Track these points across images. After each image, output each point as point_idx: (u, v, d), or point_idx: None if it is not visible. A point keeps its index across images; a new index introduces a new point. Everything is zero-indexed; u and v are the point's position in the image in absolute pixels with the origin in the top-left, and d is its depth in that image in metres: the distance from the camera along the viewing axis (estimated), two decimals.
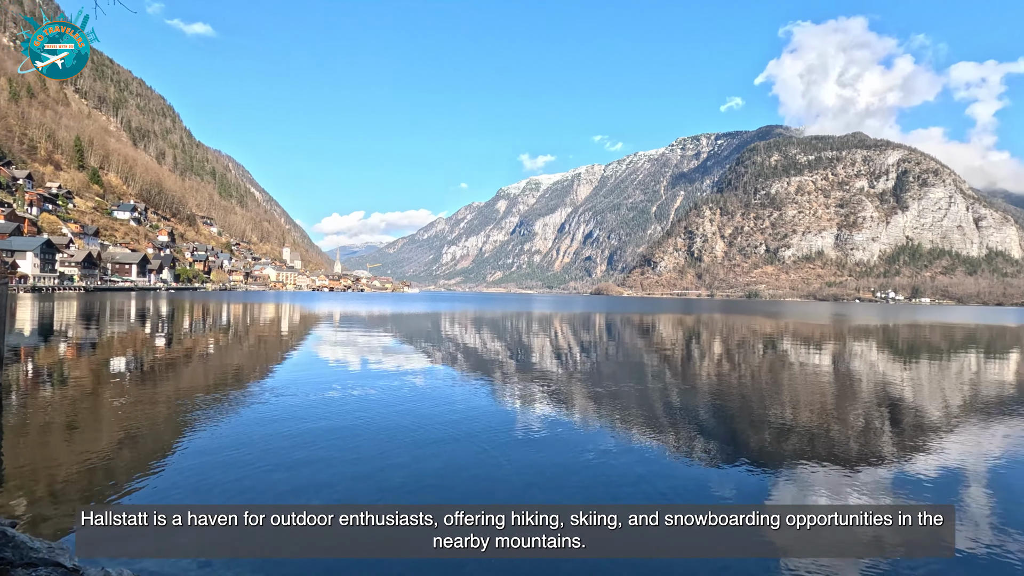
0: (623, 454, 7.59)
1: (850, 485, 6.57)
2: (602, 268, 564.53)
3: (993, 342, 31.20)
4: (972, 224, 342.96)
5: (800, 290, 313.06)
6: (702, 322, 45.14)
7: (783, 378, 15.44)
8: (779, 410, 10.88)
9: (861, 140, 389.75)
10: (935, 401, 12.56)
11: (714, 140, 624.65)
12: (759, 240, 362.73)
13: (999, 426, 10.03)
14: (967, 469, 7.41)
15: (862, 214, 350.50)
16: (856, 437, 8.94)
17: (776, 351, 22.97)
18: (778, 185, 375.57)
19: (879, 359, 21.20)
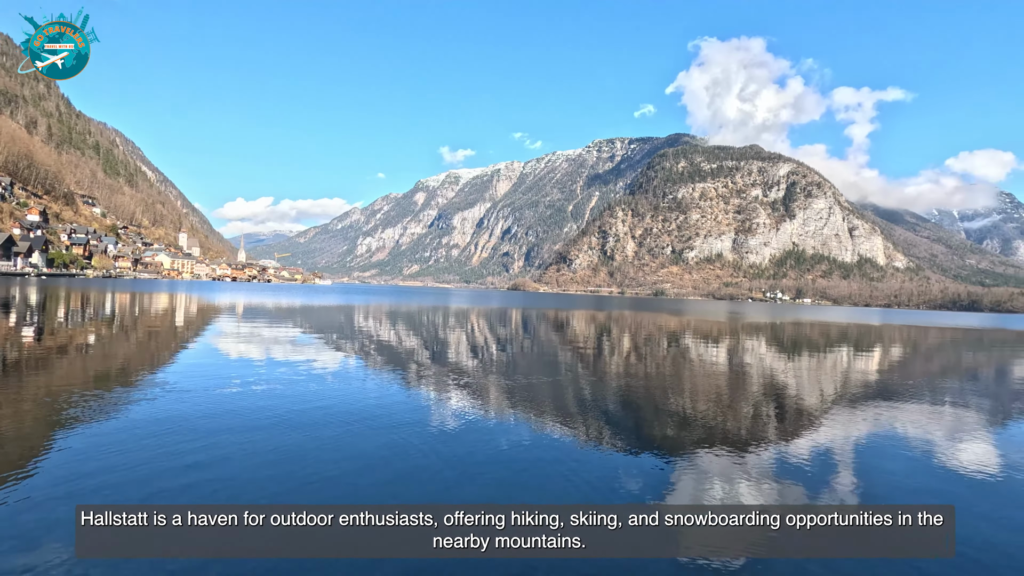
0: (538, 448, 7.75)
1: (744, 470, 7.12)
2: (519, 264, 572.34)
3: (860, 339, 35.20)
4: (847, 233, 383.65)
5: (701, 289, 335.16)
6: (613, 318, 47.06)
7: (685, 371, 16.44)
8: (681, 401, 11.59)
9: (757, 152, 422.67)
10: (813, 391, 13.95)
11: (628, 144, 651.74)
12: (666, 242, 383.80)
13: (865, 412, 11.32)
14: (839, 451, 8.29)
15: (756, 220, 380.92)
16: (748, 425, 9.72)
17: (680, 346, 24.42)
18: (684, 190, 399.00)
19: (768, 353, 23.18)
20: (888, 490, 6.64)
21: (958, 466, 7.80)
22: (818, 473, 7.15)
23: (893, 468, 7.55)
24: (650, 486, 6.35)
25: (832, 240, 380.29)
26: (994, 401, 13.83)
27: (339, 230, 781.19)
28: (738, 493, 6.27)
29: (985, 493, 6.77)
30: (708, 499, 6.04)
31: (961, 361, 24.30)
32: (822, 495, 6.33)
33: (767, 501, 6.08)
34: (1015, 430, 10.53)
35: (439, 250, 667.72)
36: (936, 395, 14.13)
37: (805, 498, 6.20)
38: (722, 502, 5.95)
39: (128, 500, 5.26)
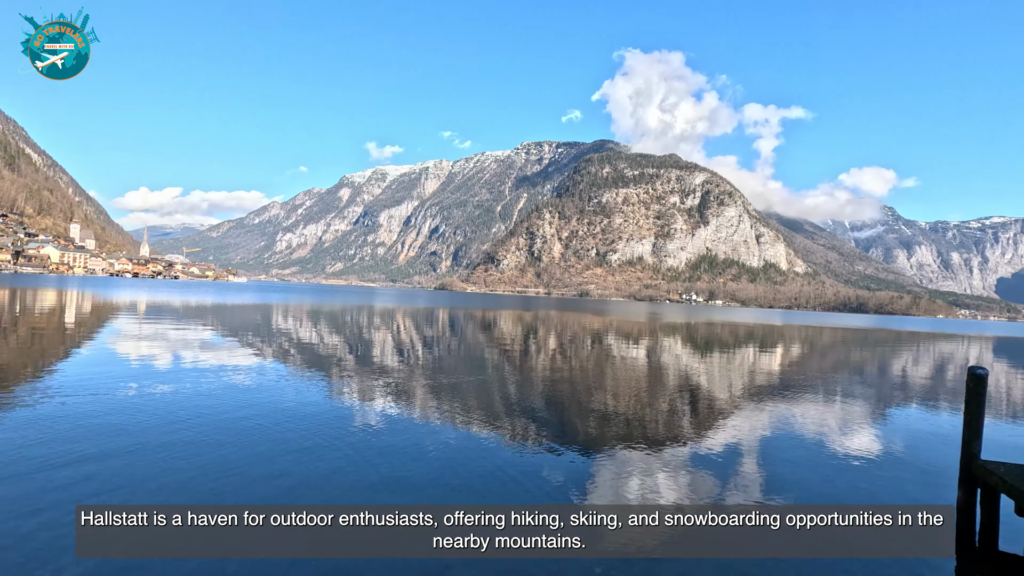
0: (465, 447, 7.67)
1: (662, 465, 7.40)
2: (447, 263, 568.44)
3: (766, 338, 37.95)
4: (754, 240, 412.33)
5: (623, 291, 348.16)
6: (539, 319, 47.77)
7: (607, 370, 16.94)
8: (603, 399, 11.91)
9: (676, 161, 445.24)
10: (724, 387, 14.83)
11: (555, 148, 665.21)
12: (591, 244, 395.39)
13: (769, 406, 12.16)
14: (745, 443, 8.83)
15: (674, 226, 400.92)
16: (666, 421, 10.14)
17: (603, 346, 25.15)
18: (608, 195, 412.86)
19: (685, 352, 24.40)
20: (790, 480, 7.14)
21: (847, 452, 8.54)
22: (726, 465, 7.57)
23: (793, 457, 8.14)
24: (573, 483, 6.46)
25: (741, 246, 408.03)
26: (876, 392, 15.33)
27: (256, 225, 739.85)
28: (656, 488, 6.49)
29: (869, 470, 7.47)
30: (628, 495, 6.21)
31: (850, 358, 26.76)
32: (730, 487, 6.69)
33: (683, 494, 6.35)
34: (892, 417, 11.74)
35: (364, 248, 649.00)
36: (829, 389, 15.46)
37: (716, 490, 6.53)
38: (641, 498, 6.14)
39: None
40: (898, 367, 23.36)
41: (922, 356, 29.69)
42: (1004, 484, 4.88)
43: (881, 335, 50.92)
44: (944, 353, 32.70)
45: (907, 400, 14.48)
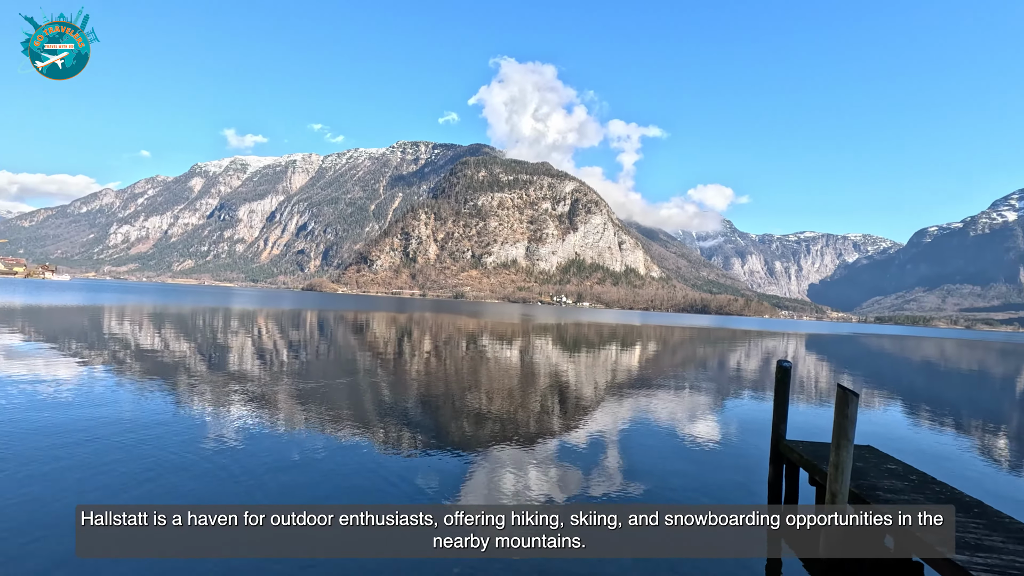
0: (335, 452, 7.40)
1: (534, 462, 7.77)
2: (316, 263, 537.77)
3: (626, 337, 41.16)
4: (617, 247, 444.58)
5: (498, 293, 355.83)
6: (414, 320, 47.17)
7: (482, 370, 17.28)
8: (478, 398, 12.17)
9: (548, 169, 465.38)
10: (590, 382, 15.89)
11: (432, 149, 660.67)
12: (467, 246, 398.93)
13: (629, 398, 13.29)
14: (610, 432, 9.58)
15: (546, 231, 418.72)
16: (537, 419, 10.64)
17: (478, 346, 25.55)
18: (484, 198, 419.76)
19: (554, 351, 25.64)
20: (644, 469, 7.90)
21: (693, 438, 9.65)
22: (591, 459, 8.17)
23: (651, 444, 9.02)
24: (447, 483, 6.56)
25: (606, 252, 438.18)
26: (716, 384, 17.43)
27: (84, 215, 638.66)
28: (527, 485, 6.82)
29: (712, 454, 8.54)
30: (500, 494, 6.45)
31: (695, 354, 30.01)
32: (597, 481, 7.24)
33: (552, 491, 6.74)
34: (726, 405, 13.47)
35: (220, 244, 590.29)
36: (678, 382, 17.25)
37: (585, 486, 7.03)
38: (515, 496, 6.41)
39: None
40: (733, 361, 26.67)
41: (752, 351, 34.19)
42: (803, 460, 5.90)
43: (721, 333, 57.65)
44: (768, 348, 37.98)
45: (739, 389, 16.64)
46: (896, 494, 4.97)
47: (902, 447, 9.53)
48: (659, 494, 6.56)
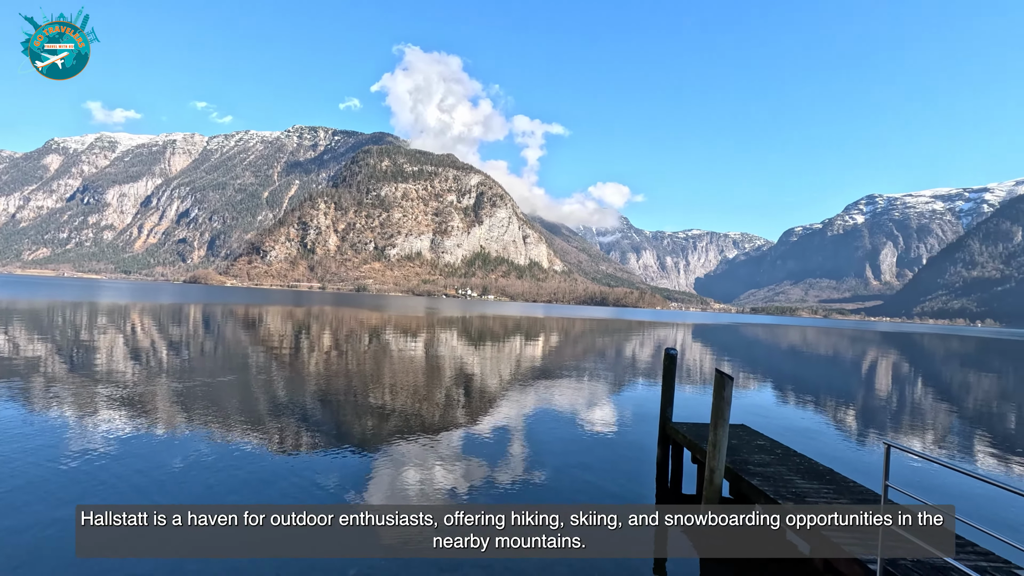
0: (223, 455, 6.92)
1: (438, 457, 7.77)
2: (201, 253, 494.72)
3: (530, 329, 42.16)
4: (522, 240, 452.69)
5: (402, 285, 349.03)
6: (313, 314, 45.04)
7: (385, 365, 16.93)
8: (381, 394, 11.92)
9: (453, 161, 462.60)
10: (495, 374, 16.14)
11: (332, 135, 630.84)
12: (369, 238, 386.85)
13: (532, 389, 13.66)
14: (515, 422, 9.81)
15: (451, 224, 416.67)
16: (442, 413, 10.64)
17: (381, 340, 24.96)
18: (387, 189, 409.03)
19: (459, 344, 25.68)
20: (546, 459, 8.20)
21: (591, 425, 10.16)
22: (497, 449, 8.34)
23: (552, 431, 9.36)
24: (350, 483, 6.40)
25: (511, 245, 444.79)
26: (613, 372, 18.42)
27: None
28: (431, 482, 6.82)
29: (606, 439, 9.05)
30: (402, 491, 6.41)
31: (595, 344, 31.45)
32: (499, 472, 7.41)
33: (457, 487, 6.80)
34: (622, 392, 14.32)
35: (84, 231, 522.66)
36: (579, 371, 18.01)
37: (491, 481, 7.15)
38: (419, 493, 6.39)
39: None
40: (628, 350, 28.27)
41: (645, 340, 36.43)
42: (686, 440, 6.44)
43: (618, 324, 60.80)
44: (660, 337, 40.67)
45: (634, 376, 17.71)
46: (763, 467, 5.58)
47: (770, 424, 10.67)
48: (559, 480, 6.84)
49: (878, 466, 8.28)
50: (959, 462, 9.36)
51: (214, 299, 72.19)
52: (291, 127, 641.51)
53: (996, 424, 13.76)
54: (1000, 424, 13.84)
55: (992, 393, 20.47)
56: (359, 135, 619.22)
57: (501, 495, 5.96)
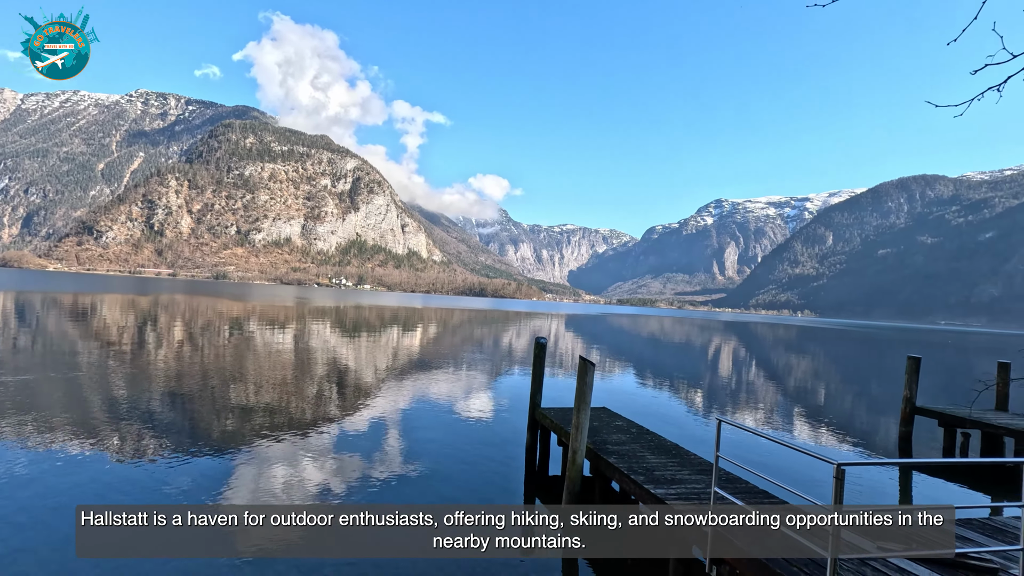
0: (41, 465, 6.05)
1: (308, 454, 7.47)
2: (13, 232, 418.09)
3: (408, 319, 41.58)
4: (400, 229, 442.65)
5: (268, 274, 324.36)
6: (162, 304, 40.32)
7: (248, 359, 15.76)
8: (244, 390, 11.12)
9: (328, 143, 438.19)
10: (370, 366, 15.76)
11: (186, 104, 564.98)
12: (231, 221, 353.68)
13: (409, 380, 13.58)
14: (392, 415, 9.71)
15: (325, 209, 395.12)
16: (314, 408, 10.20)
17: (243, 333, 23.14)
18: (252, 168, 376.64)
19: (333, 335, 24.62)
20: (426, 452, 8.25)
21: (467, 414, 10.38)
22: (372, 444, 8.22)
23: (429, 422, 9.41)
24: (203, 486, 5.93)
25: (389, 234, 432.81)
26: (491, 362, 18.89)
27: None
28: (301, 481, 6.56)
29: (478, 426, 9.33)
30: (266, 493, 6.10)
31: (473, 334, 31.91)
32: (374, 467, 7.32)
33: (329, 486, 6.60)
34: (501, 380, 14.78)
35: None
36: (456, 362, 18.20)
37: (361, 472, 7.04)
38: (285, 494, 6.12)
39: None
40: (505, 340, 29.08)
41: (522, 330, 37.69)
42: (552, 424, 6.89)
43: (495, 315, 62.10)
44: (535, 327, 42.31)
45: (510, 365, 18.30)
46: (620, 445, 6.16)
47: (628, 405, 11.68)
48: (433, 469, 6.94)
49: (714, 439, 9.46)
50: (775, 432, 11.00)
51: (30, 286, 61.62)
52: (134, 91, 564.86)
53: (808, 398, 16.33)
54: (811, 397, 16.45)
55: (805, 372, 24.18)
56: (219, 107, 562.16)
57: (374, 491, 5.92)
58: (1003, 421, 9.48)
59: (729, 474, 5.22)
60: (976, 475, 8.47)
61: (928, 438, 10.84)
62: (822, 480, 7.56)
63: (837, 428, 12.08)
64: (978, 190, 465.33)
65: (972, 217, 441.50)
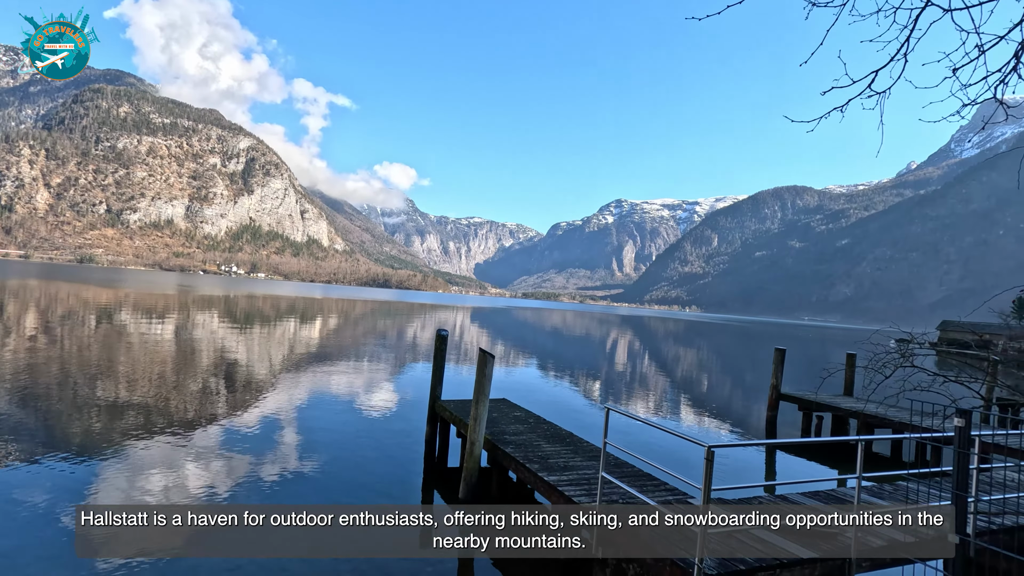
0: None
1: (187, 451, 6.93)
2: None
3: (307, 310, 39.62)
4: (299, 215, 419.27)
5: (146, 258, 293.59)
6: (10, 289, 35.22)
7: (119, 353, 14.27)
8: (113, 387, 10.06)
9: (218, 119, 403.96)
10: (264, 359, 14.85)
11: None
12: (99, 197, 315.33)
13: (306, 374, 12.98)
14: (286, 411, 9.23)
15: (214, 190, 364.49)
16: (198, 403, 9.44)
17: (113, 324, 20.87)
18: (127, 140, 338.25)
19: (221, 327, 22.88)
20: (320, 449, 7.95)
21: (371, 407, 10.13)
22: (263, 443, 7.78)
23: (327, 417, 9.06)
24: (67, 489, 5.32)
25: (286, 220, 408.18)
26: (394, 355, 18.54)
27: None
28: (182, 484, 6.08)
29: (373, 418, 9.16)
30: (142, 497, 5.60)
31: (376, 326, 31.11)
32: (265, 467, 6.94)
33: (221, 484, 6.18)
34: (405, 373, 14.58)
35: None
36: (358, 355, 17.67)
37: (249, 472, 6.65)
38: (162, 498, 5.64)
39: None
40: (410, 333, 28.65)
41: (427, 323, 37.31)
42: (452, 416, 6.94)
43: (400, 307, 60.88)
44: (440, 319, 42.07)
45: (414, 358, 18.07)
46: (517, 435, 6.33)
47: (528, 396, 12.02)
48: (330, 466, 6.72)
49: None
50: (658, 419, 11.85)
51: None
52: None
53: (691, 386, 17.71)
54: (693, 386, 17.85)
55: (690, 363, 26.18)
56: (86, 68, 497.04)
57: (264, 492, 5.64)
58: (848, 405, 10.91)
59: (617, 459, 5.56)
60: (826, 452, 9.67)
61: (791, 421, 12.18)
62: (698, 461, 8.26)
63: (714, 413, 13.24)
64: (838, 201, 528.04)
65: (832, 225, 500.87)
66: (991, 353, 10.52)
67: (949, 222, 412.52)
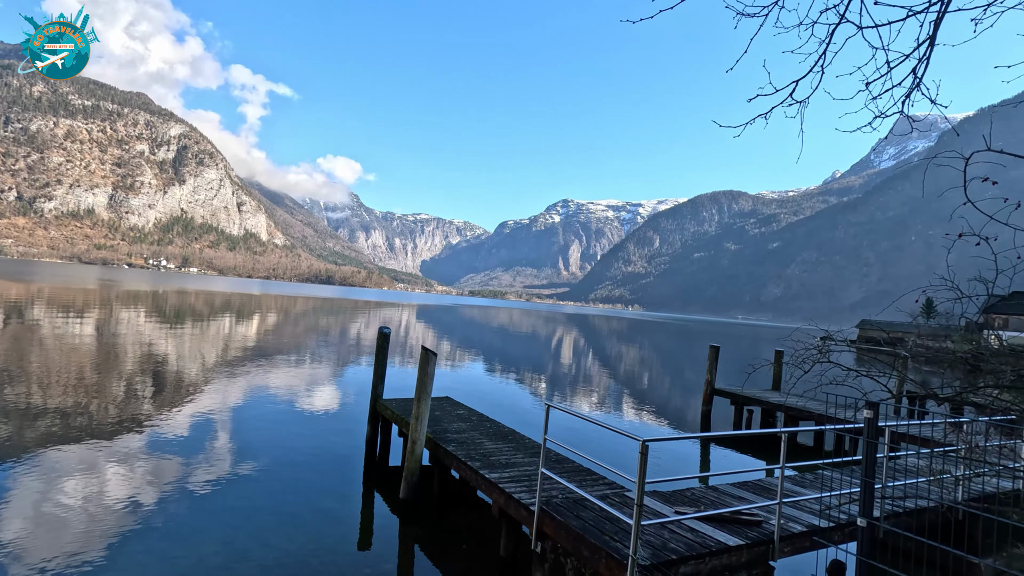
0: None
1: (108, 456, 6.48)
2: None
3: (243, 307, 37.92)
4: (236, 208, 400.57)
5: (62, 250, 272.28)
6: None
7: (30, 353, 13.17)
8: (24, 390, 9.26)
9: (146, 104, 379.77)
10: (194, 358, 14.08)
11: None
12: (8, 183, 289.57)
13: (244, 374, 12.41)
14: (218, 413, 8.78)
15: (141, 179, 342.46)
16: (120, 404, 8.84)
17: (23, 322, 19.25)
18: (42, 122, 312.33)
19: (147, 325, 21.53)
20: (255, 453, 7.61)
21: (311, 407, 9.80)
22: (192, 444, 7.37)
23: (263, 418, 8.69)
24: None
25: (222, 212, 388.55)
26: (337, 353, 18.03)
27: None
28: (104, 491, 5.67)
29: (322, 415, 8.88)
30: (60, 505, 5.19)
31: (317, 324, 30.16)
32: (197, 468, 6.58)
33: (146, 489, 5.80)
34: (346, 372, 14.20)
35: None
36: (298, 354, 17.07)
37: (179, 476, 6.28)
38: (82, 502, 5.25)
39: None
40: (353, 330, 27.96)
41: (371, 320, 36.53)
42: (393, 415, 6.83)
43: (343, 304, 59.32)
44: (385, 317, 41.30)
45: (357, 356, 17.64)
46: (460, 434, 6.30)
47: (471, 394, 11.99)
48: (267, 467, 6.45)
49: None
50: (596, 414, 12.11)
51: None
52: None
53: (631, 383, 18.20)
54: (634, 382, 18.35)
55: (631, 360, 26.90)
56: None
57: (197, 496, 5.36)
58: (776, 399, 11.52)
59: (558, 455, 5.63)
60: (755, 444, 10.17)
61: (724, 415, 12.73)
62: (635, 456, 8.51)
63: (653, 409, 13.67)
64: (770, 206, 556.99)
65: (764, 229, 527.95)
66: (901, 350, 11.38)
67: (869, 228, 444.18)
